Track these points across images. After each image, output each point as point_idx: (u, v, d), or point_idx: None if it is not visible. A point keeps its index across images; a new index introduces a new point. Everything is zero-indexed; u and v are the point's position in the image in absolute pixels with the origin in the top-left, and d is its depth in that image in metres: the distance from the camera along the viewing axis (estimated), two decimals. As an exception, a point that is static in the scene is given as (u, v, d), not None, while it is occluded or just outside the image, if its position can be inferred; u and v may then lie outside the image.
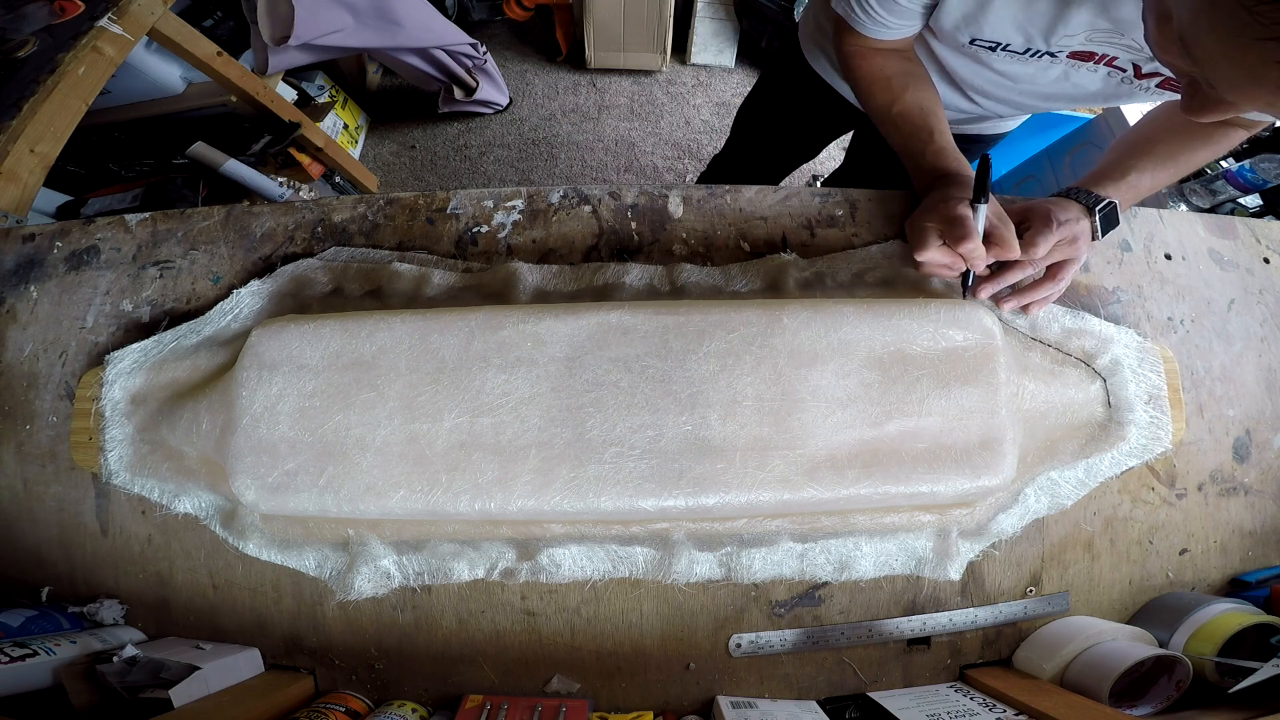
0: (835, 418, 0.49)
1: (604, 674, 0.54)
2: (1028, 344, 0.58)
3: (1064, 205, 0.58)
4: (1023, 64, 0.60)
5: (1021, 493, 0.55)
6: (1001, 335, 0.53)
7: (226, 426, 0.51)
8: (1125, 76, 0.57)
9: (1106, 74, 0.58)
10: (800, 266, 0.60)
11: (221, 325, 0.57)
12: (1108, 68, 0.57)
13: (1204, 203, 1.22)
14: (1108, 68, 0.57)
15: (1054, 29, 0.53)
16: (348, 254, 0.61)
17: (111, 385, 0.56)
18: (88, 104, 0.92)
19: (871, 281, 0.60)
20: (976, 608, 0.56)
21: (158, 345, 0.57)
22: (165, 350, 0.57)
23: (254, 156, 1.35)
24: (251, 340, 0.52)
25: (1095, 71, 0.58)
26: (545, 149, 2.08)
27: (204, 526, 0.56)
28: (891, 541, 0.53)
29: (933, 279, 0.59)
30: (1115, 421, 0.57)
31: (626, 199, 0.65)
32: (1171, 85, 0.55)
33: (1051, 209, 0.56)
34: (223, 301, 0.58)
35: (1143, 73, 0.56)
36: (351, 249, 0.62)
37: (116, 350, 0.57)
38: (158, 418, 0.55)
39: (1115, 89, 0.60)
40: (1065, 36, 0.53)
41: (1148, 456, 0.57)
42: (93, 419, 0.56)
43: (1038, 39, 0.55)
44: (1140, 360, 0.58)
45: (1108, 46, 0.53)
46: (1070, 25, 0.52)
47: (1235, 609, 0.52)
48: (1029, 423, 0.54)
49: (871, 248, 0.61)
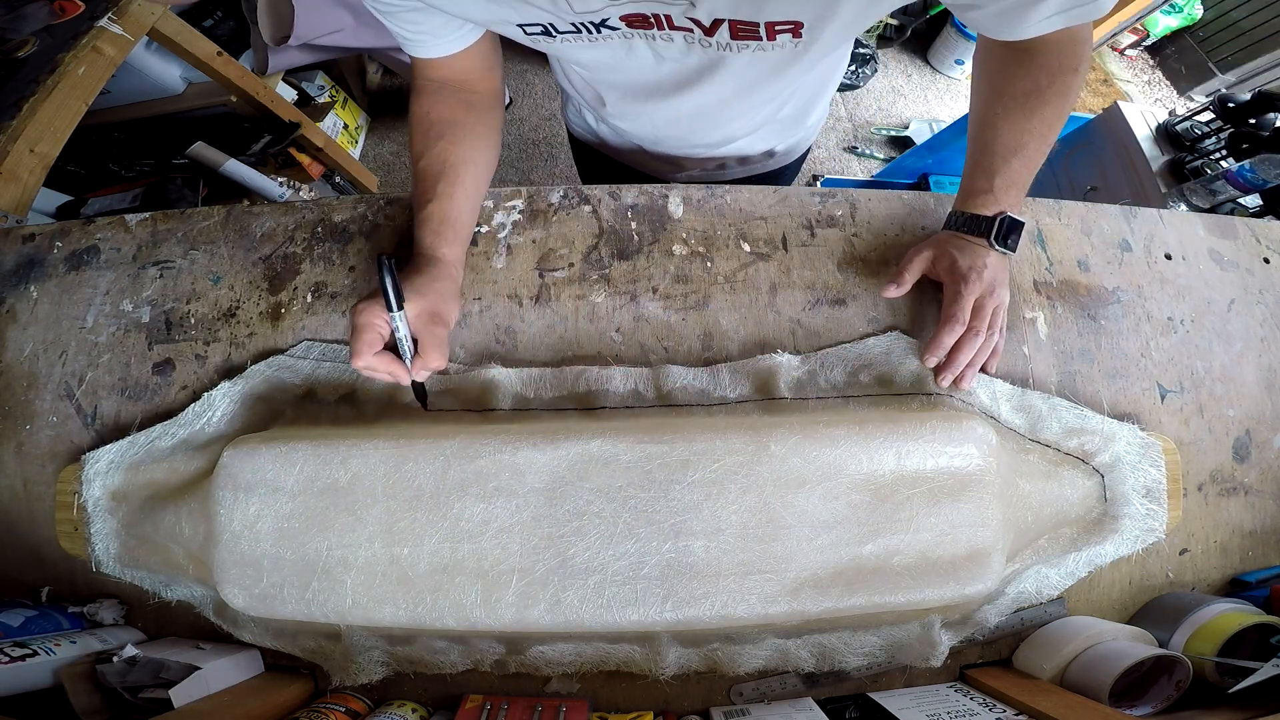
0: (821, 540, 0.49)
1: (604, 674, 0.54)
2: (1025, 446, 0.57)
3: (961, 248, 0.55)
4: (591, 46, 0.52)
5: (1009, 587, 0.55)
6: (998, 447, 0.52)
7: (209, 538, 0.50)
8: (698, 37, 0.49)
9: (685, 40, 0.50)
10: (792, 366, 0.57)
11: (195, 428, 0.56)
12: (675, 31, 0.48)
13: (1204, 203, 1.22)
14: (675, 31, 0.48)
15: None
16: (319, 350, 0.59)
17: (91, 483, 0.55)
18: (88, 104, 0.92)
19: (867, 380, 0.58)
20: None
21: (132, 446, 0.56)
22: (140, 452, 0.56)
23: (254, 156, 1.35)
24: (224, 461, 0.51)
25: (671, 40, 0.50)
26: (545, 149, 2.08)
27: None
28: (875, 634, 0.53)
29: (933, 378, 0.56)
30: (1110, 515, 0.56)
31: (626, 199, 0.65)
32: (743, 30, 0.47)
33: (955, 260, 0.55)
34: (195, 404, 0.56)
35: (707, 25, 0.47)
36: (323, 344, 0.59)
37: (91, 451, 0.56)
38: (140, 515, 0.55)
39: (714, 59, 0.53)
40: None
41: (1139, 547, 0.57)
42: (75, 511, 0.56)
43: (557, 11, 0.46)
44: (1141, 456, 0.58)
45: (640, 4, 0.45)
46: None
47: (1235, 609, 0.52)
48: (1020, 524, 0.54)
49: (868, 341, 0.59)
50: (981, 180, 0.55)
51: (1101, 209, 0.68)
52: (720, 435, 0.50)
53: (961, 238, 0.57)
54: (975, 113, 0.57)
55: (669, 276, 0.62)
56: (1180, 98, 2.48)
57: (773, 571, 0.49)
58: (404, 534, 0.49)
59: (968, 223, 0.56)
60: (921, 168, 1.91)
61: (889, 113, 2.31)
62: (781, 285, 0.62)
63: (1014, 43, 0.51)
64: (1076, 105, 0.61)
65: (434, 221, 0.54)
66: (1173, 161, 1.35)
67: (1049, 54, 0.51)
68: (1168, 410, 0.61)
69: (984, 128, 0.56)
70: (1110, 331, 0.62)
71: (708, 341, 0.60)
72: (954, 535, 0.49)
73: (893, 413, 0.55)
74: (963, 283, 0.54)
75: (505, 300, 0.61)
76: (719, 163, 0.79)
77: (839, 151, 2.21)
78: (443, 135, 0.56)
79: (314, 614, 0.49)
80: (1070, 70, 0.52)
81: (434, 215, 0.54)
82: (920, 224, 0.65)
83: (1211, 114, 1.33)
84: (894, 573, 0.49)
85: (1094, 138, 1.50)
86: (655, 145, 0.75)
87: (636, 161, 0.81)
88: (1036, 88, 0.52)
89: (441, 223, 0.54)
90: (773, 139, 0.77)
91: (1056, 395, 0.59)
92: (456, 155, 0.56)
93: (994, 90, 0.55)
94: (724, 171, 0.81)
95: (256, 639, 0.53)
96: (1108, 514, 0.57)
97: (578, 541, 0.49)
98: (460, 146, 0.56)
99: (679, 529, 0.49)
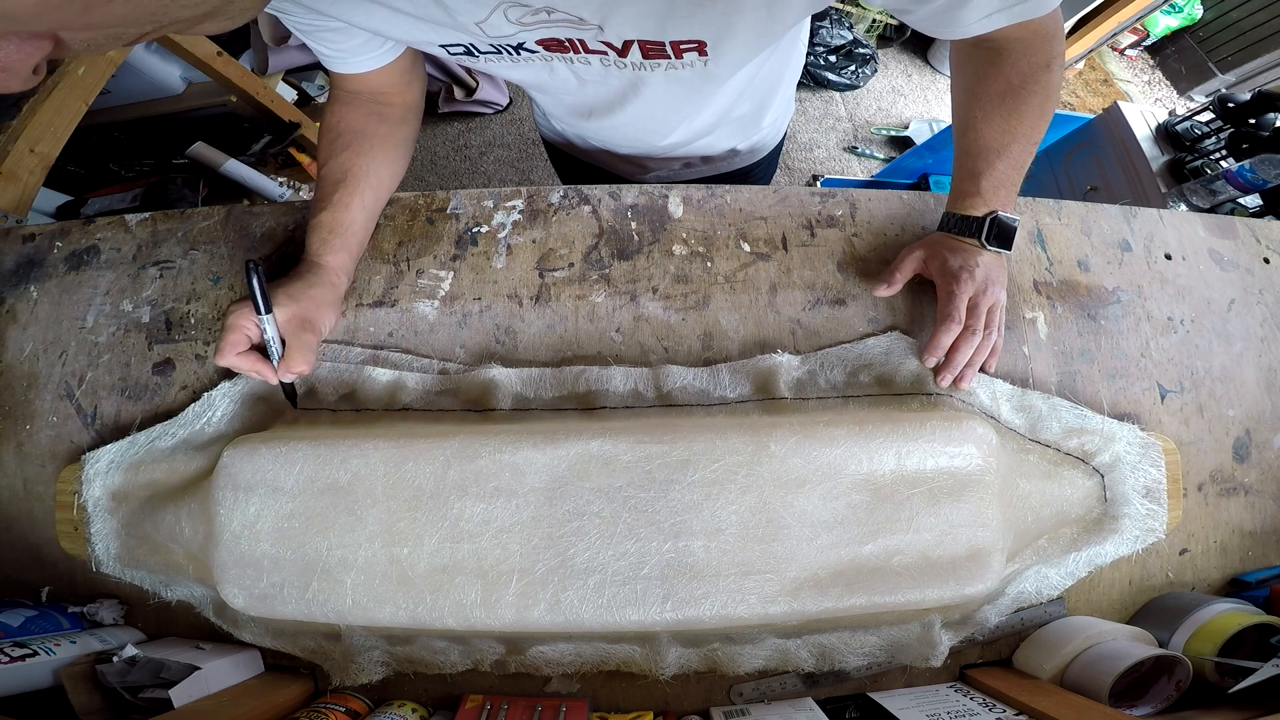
0: (820, 540, 0.49)
1: (604, 674, 0.54)
2: (1025, 446, 0.57)
3: (953, 249, 0.56)
4: (515, 66, 0.52)
5: (1009, 586, 0.55)
6: (998, 447, 0.52)
7: (209, 538, 0.51)
8: (614, 59, 0.49)
9: (601, 63, 0.50)
10: (792, 366, 0.57)
11: (195, 428, 0.56)
12: (591, 54, 0.49)
13: (1204, 203, 1.22)
14: (591, 54, 0.49)
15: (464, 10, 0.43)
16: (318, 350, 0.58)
17: (91, 483, 0.55)
18: (88, 104, 0.92)
19: (867, 380, 0.58)
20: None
21: (132, 446, 0.56)
22: (140, 452, 0.56)
23: (254, 156, 1.35)
24: (224, 461, 0.51)
25: (589, 64, 0.50)
26: (545, 149, 2.08)
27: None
28: (875, 634, 0.53)
29: (933, 378, 0.56)
30: (1110, 515, 0.57)
31: (626, 199, 0.65)
32: (651, 49, 0.47)
33: (947, 260, 0.55)
34: (195, 404, 0.56)
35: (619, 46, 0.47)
36: (322, 344, 0.59)
37: (91, 451, 0.56)
38: (140, 515, 0.55)
39: (633, 79, 0.53)
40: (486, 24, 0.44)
41: (1139, 546, 0.57)
42: (75, 511, 0.56)
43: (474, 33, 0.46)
44: (1141, 456, 0.58)
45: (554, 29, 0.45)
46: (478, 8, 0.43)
47: (1235, 609, 0.52)
48: (1021, 524, 0.54)
49: (868, 341, 0.59)
50: (969, 183, 0.56)
51: (1101, 209, 0.68)
52: (720, 435, 0.50)
53: (953, 238, 0.57)
54: (956, 116, 0.58)
55: (669, 276, 0.62)
56: (1180, 98, 2.48)
57: (773, 571, 0.49)
58: (404, 534, 0.49)
59: (959, 224, 0.57)
60: (921, 168, 1.91)
61: (889, 113, 2.31)
62: (781, 285, 0.62)
63: (981, 43, 0.51)
64: (1077, 106, 0.61)
65: (323, 229, 0.56)
66: (1173, 161, 1.35)
67: (1016, 52, 0.52)
68: (1168, 410, 0.61)
69: (966, 130, 0.56)
70: (1110, 331, 0.62)
71: (708, 341, 0.60)
72: (954, 535, 0.49)
73: (893, 413, 0.55)
74: (955, 282, 0.54)
75: (505, 300, 0.61)
76: (684, 162, 0.79)
77: (839, 151, 2.21)
78: (349, 145, 0.57)
79: (314, 614, 0.49)
80: (1041, 67, 0.52)
81: (325, 223, 0.56)
82: (920, 224, 0.65)
83: (1211, 114, 1.33)
84: (894, 573, 0.49)
85: (1094, 138, 1.50)
86: (616, 148, 0.76)
87: (604, 162, 0.82)
88: (1011, 88, 0.53)
89: (331, 231, 0.56)
90: (732, 138, 0.77)
91: (1056, 395, 0.59)
92: (359, 166, 0.57)
93: (971, 93, 0.55)
94: (690, 170, 0.82)
95: (256, 639, 0.53)
96: (1108, 514, 0.57)
97: (578, 541, 0.49)
98: (364, 158, 0.57)
99: (679, 529, 0.49)
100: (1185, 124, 1.37)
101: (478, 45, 0.48)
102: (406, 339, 0.60)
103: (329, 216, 0.56)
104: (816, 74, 2.21)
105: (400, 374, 0.57)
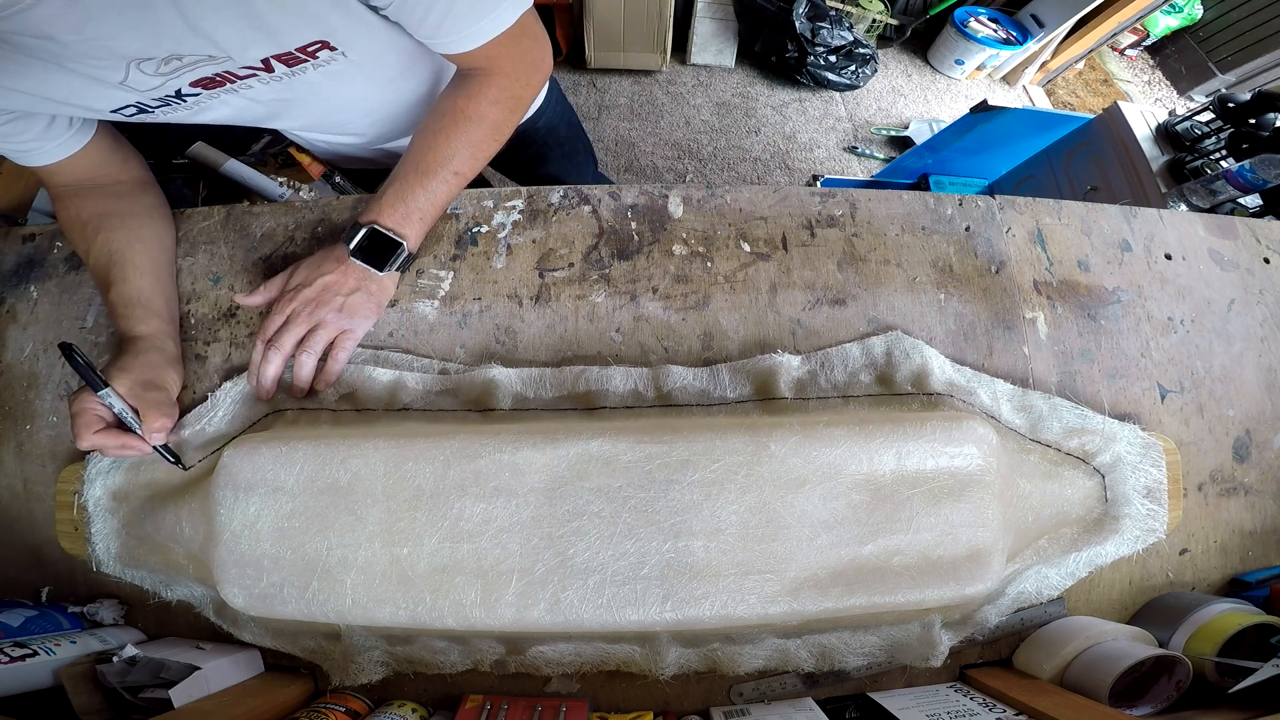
0: (820, 540, 0.49)
1: (604, 674, 0.54)
2: (1025, 446, 0.57)
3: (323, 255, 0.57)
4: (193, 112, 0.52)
5: (1009, 587, 0.55)
6: (998, 447, 0.52)
7: (209, 538, 0.51)
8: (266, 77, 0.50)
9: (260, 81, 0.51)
10: (792, 366, 0.57)
11: (197, 428, 0.56)
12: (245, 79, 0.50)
13: (1204, 203, 1.22)
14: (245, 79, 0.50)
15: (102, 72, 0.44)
16: None
17: (92, 483, 0.55)
18: (88, 104, 0.92)
19: (867, 380, 0.58)
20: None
21: None
22: None
23: (254, 156, 1.35)
24: (225, 460, 0.51)
25: (251, 86, 0.51)
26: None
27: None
28: (875, 634, 0.53)
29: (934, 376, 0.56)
30: (1110, 515, 0.57)
31: (626, 199, 0.65)
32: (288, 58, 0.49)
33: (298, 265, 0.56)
34: (200, 405, 0.57)
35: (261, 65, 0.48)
36: None
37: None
38: (141, 515, 0.55)
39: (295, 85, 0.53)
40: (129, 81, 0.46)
41: (1140, 547, 0.57)
42: (76, 511, 0.56)
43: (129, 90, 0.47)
44: (1142, 456, 0.58)
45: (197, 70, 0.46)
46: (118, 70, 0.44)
47: (1235, 609, 0.52)
48: (1021, 524, 0.54)
49: (868, 341, 0.59)
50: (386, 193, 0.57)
51: (1101, 209, 0.68)
52: (720, 435, 0.50)
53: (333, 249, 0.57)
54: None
55: (669, 276, 0.62)
56: (1180, 98, 2.48)
57: (772, 571, 0.49)
58: (404, 534, 0.49)
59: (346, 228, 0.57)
60: (921, 168, 1.91)
61: (889, 113, 2.31)
62: (781, 285, 0.62)
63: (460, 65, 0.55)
64: (1077, 106, 0.61)
65: (119, 307, 0.56)
66: (1173, 161, 1.35)
67: (471, 80, 0.56)
68: (1168, 410, 0.61)
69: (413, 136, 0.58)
70: (1110, 331, 0.62)
71: (708, 341, 0.60)
72: (954, 535, 0.49)
73: (893, 413, 0.55)
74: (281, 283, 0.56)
75: (505, 300, 0.61)
76: None
77: (839, 151, 2.21)
78: (100, 229, 0.56)
79: (314, 614, 0.49)
80: (482, 98, 0.56)
81: (116, 301, 0.56)
82: (920, 224, 0.65)
83: (1211, 114, 1.33)
84: (894, 573, 0.49)
85: (1094, 138, 1.50)
86: (355, 151, 0.76)
87: (367, 162, 0.82)
88: (454, 108, 0.56)
89: (126, 305, 0.55)
90: None
91: (1057, 395, 0.59)
92: (118, 241, 0.56)
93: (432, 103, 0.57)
94: None
95: (256, 639, 0.53)
96: (1108, 514, 0.57)
97: (577, 541, 0.49)
98: (119, 234, 0.57)
99: (679, 529, 0.49)
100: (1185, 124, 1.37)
101: (145, 102, 0.49)
102: (407, 339, 0.60)
103: (116, 295, 0.55)
104: (816, 74, 2.21)
105: (400, 374, 0.57)
